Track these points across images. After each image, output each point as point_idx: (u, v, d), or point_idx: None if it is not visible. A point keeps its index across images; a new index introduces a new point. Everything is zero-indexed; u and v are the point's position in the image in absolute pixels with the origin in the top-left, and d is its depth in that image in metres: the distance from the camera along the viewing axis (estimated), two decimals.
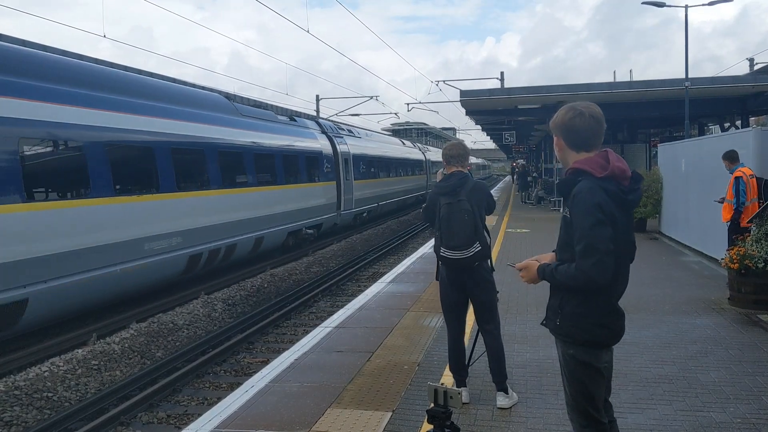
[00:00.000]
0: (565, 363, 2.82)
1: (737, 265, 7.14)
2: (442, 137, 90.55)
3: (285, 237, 16.49)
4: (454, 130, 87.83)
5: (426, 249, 13.33)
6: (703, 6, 18.68)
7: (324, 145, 20.18)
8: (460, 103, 20.62)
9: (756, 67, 29.41)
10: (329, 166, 20.15)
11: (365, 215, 24.71)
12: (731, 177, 8.34)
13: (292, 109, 27.39)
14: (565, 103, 2.93)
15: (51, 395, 6.87)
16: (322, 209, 19.17)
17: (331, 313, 8.70)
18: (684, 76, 17.99)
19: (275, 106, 24.78)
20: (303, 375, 5.45)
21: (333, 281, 13.49)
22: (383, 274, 11.80)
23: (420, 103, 40.89)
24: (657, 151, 17.18)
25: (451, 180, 4.65)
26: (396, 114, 41.51)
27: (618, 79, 37.89)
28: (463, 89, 19.72)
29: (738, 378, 5.03)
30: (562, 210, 2.93)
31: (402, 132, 66.53)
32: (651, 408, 4.48)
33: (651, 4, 18.83)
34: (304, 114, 27.49)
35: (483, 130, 40.01)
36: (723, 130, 24.45)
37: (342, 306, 8.74)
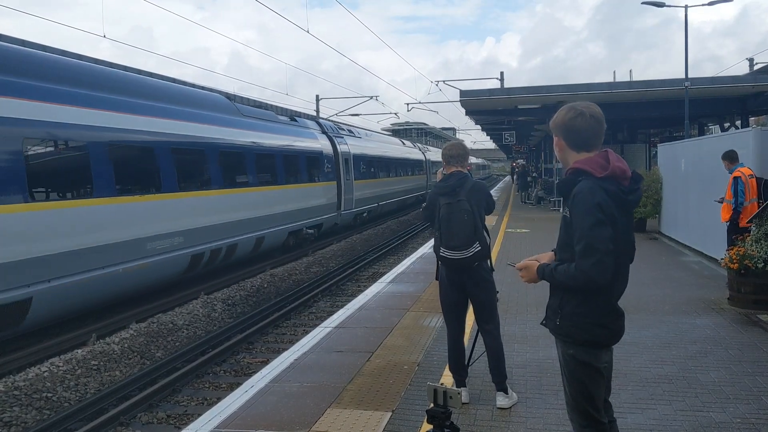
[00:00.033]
0: (565, 363, 2.82)
1: (737, 265, 7.15)
2: (442, 137, 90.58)
3: (286, 237, 16.50)
4: (454, 130, 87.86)
5: (426, 249, 13.33)
6: (703, 6, 18.69)
7: (324, 145, 20.18)
8: (459, 103, 20.62)
9: (756, 67, 29.40)
10: (330, 166, 20.16)
11: (365, 215, 24.70)
12: (730, 177, 8.34)
13: (292, 110, 27.40)
14: (565, 103, 2.93)
15: (50, 395, 6.86)
16: (322, 209, 19.18)
17: (331, 313, 8.69)
18: (684, 76, 17.99)
19: (276, 106, 24.79)
20: (303, 375, 5.45)
21: (333, 281, 13.49)
22: (383, 274, 11.80)
23: (420, 103, 40.92)
24: (657, 151, 17.18)
25: (451, 180, 4.65)
26: (396, 114, 41.53)
27: (618, 79, 37.89)
28: (463, 89, 19.75)
29: (738, 378, 5.03)
30: (562, 210, 2.93)
31: (402, 132, 66.55)
32: (651, 408, 4.48)
33: (651, 4, 18.84)
34: (304, 114, 27.50)
35: (483, 130, 40.01)
36: (723, 130, 24.45)
37: (342, 306, 8.74)
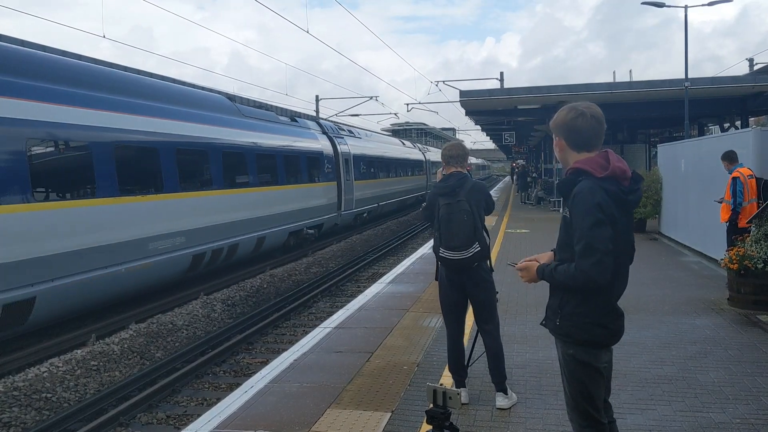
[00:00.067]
0: (565, 363, 2.82)
1: (737, 266, 7.14)
2: (441, 137, 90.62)
3: (286, 237, 16.54)
4: (453, 130, 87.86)
5: (425, 249, 13.33)
6: (703, 6, 18.68)
7: (325, 146, 20.21)
8: (459, 104, 20.62)
9: (756, 68, 29.40)
10: (330, 166, 20.19)
11: (366, 215, 24.71)
12: (729, 178, 8.34)
13: (293, 110, 27.41)
14: (565, 104, 2.93)
15: (50, 396, 6.86)
16: (323, 209, 19.21)
17: (331, 314, 8.69)
18: (684, 76, 17.99)
19: (276, 106, 24.81)
20: (302, 375, 5.45)
21: (332, 282, 13.49)
22: (383, 274, 11.80)
23: (420, 104, 40.94)
24: (657, 152, 17.18)
25: (450, 180, 4.64)
26: (396, 114, 41.54)
27: (618, 80, 37.92)
28: (463, 89, 19.74)
29: (737, 378, 5.03)
30: (562, 210, 2.93)
31: (402, 132, 66.59)
32: (650, 408, 4.47)
33: (650, 4, 18.83)
34: (305, 114, 27.51)
35: (483, 130, 40.00)
36: (723, 130, 24.45)
37: (342, 306, 8.73)
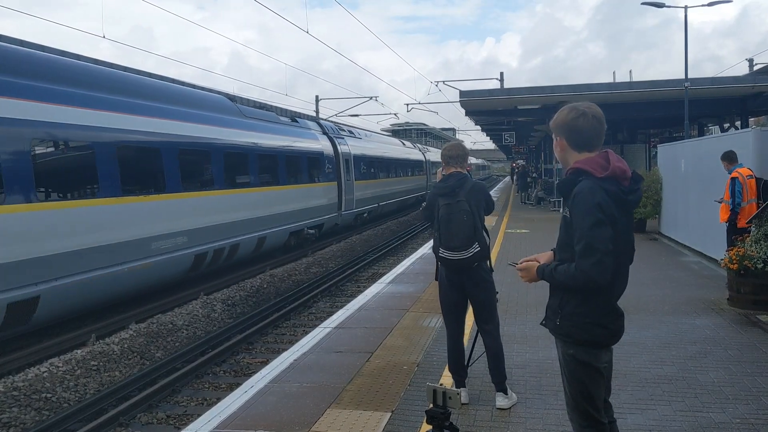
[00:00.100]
0: (565, 363, 2.82)
1: (736, 266, 7.14)
2: (441, 138, 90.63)
3: (287, 237, 16.57)
4: (453, 130, 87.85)
5: (425, 249, 13.33)
6: (703, 6, 18.68)
7: (325, 146, 20.24)
8: (459, 104, 20.63)
9: (755, 68, 29.39)
10: (330, 166, 20.22)
11: (366, 215, 24.72)
12: (728, 178, 8.34)
13: (293, 110, 27.42)
14: (565, 104, 2.93)
15: (50, 396, 6.86)
16: (323, 209, 19.23)
17: (331, 314, 8.69)
18: (684, 76, 17.99)
19: (277, 107, 24.83)
20: (302, 375, 5.45)
21: (332, 282, 13.49)
22: (383, 274, 11.80)
23: (419, 104, 40.96)
24: (657, 152, 17.18)
25: (450, 181, 4.64)
26: (395, 114, 41.60)
27: (618, 80, 37.92)
28: (463, 90, 19.74)
29: (737, 378, 5.03)
30: (562, 210, 2.93)
31: (401, 132, 66.61)
32: (650, 408, 4.48)
33: (650, 4, 18.83)
34: (305, 115, 27.52)
35: (483, 130, 40.01)
36: (723, 130, 24.45)
37: (341, 306, 8.73)
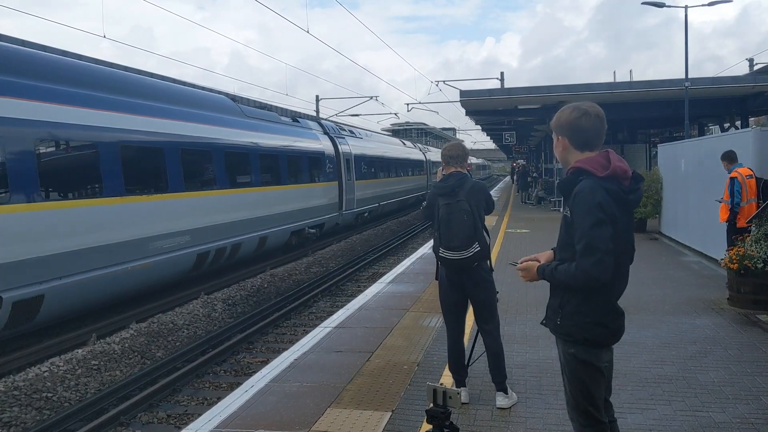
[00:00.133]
0: (566, 362, 2.83)
1: (737, 266, 7.15)
2: (442, 137, 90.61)
3: (288, 236, 16.61)
4: (454, 130, 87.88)
5: (426, 249, 13.33)
6: (703, 6, 18.68)
7: (326, 146, 20.28)
8: (460, 104, 20.63)
9: (756, 68, 29.38)
10: (331, 166, 20.26)
11: (366, 215, 24.75)
12: (727, 177, 8.35)
13: (294, 110, 27.45)
14: (565, 104, 2.94)
15: (50, 395, 6.87)
16: (324, 209, 19.28)
17: (331, 313, 8.69)
18: (684, 76, 17.99)
19: (278, 107, 24.87)
20: (303, 375, 5.46)
21: (333, 281, 13.49)
22: (383, 274, 11.80)
23: (420, 104, 40.94)
24: (657, 152, 17.18)
25: (450, 181, 4.64)
26: (396, 114, 41.53)
27: (618, 80, 37.91)
28: (463, 89, 19.74)
29: (737, 378, 5.04)
30: (562, 210, 2.93)
31: (402, 132, 66.59)
32: (650, 408, 4.48)
33: (651, 4, 18.83)
34: (306, 115, 27.56)
35: (483, 130, 39.99)
36: (723, 130, 24.44)
37: (342, 306, 8.74)
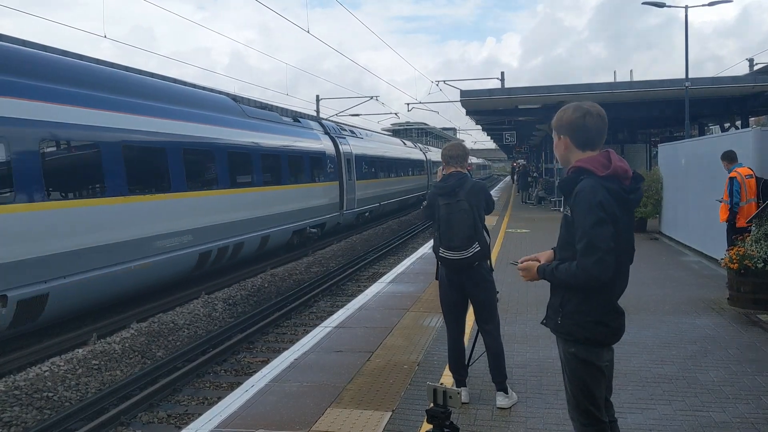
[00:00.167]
0: (567, 361, 2.83)
1: (737, 265, 7.15)
2: (442, 137, 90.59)
3: (290, 236, 16.65)
4: (454, 130, 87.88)
5: (426, 249, 13.33)
6: (704, 6, 18.67)
7: (327, 146, 20.32)
8: (460, 103, 20.61)
9: (756, 68, 29.37)
10: (332, 166, 20.30)
11: (367, 215, 24.78)
12: (727, 177, 8.35)
13: (295, 110, 27.47)
14: (565, 104, 2.94)
15: (51, 395, 6.87)
16: (325, 209, 19.33)
17: (331, 313, 8.70)
18: (684, 76, 17.98)
19: (279, 107, 24.90)
20: (303, 375, 5.46)
21: (333, 281, 13.49)
22: (383, 274, 11.81)
23: (420, 103, 40.91)
24: (657, 151, 17.18)
25: (450, 180, 4.64)
26: (396, 114, 41.55)
27: (618, 79, 37.92)
28: (464, 89, 19.73)
29: (737, 378, 5.04)
30: (563, 209, 2.93)
31: (402, 132, 66.57)
32: (651, 408, 4.48)
33: (651, 4, 18.83)
34: (307, 115, 27.58)
35: (483, 130, 39.99)
36: (723, 130, 24.43)
37: (342, 306, 8.74)
